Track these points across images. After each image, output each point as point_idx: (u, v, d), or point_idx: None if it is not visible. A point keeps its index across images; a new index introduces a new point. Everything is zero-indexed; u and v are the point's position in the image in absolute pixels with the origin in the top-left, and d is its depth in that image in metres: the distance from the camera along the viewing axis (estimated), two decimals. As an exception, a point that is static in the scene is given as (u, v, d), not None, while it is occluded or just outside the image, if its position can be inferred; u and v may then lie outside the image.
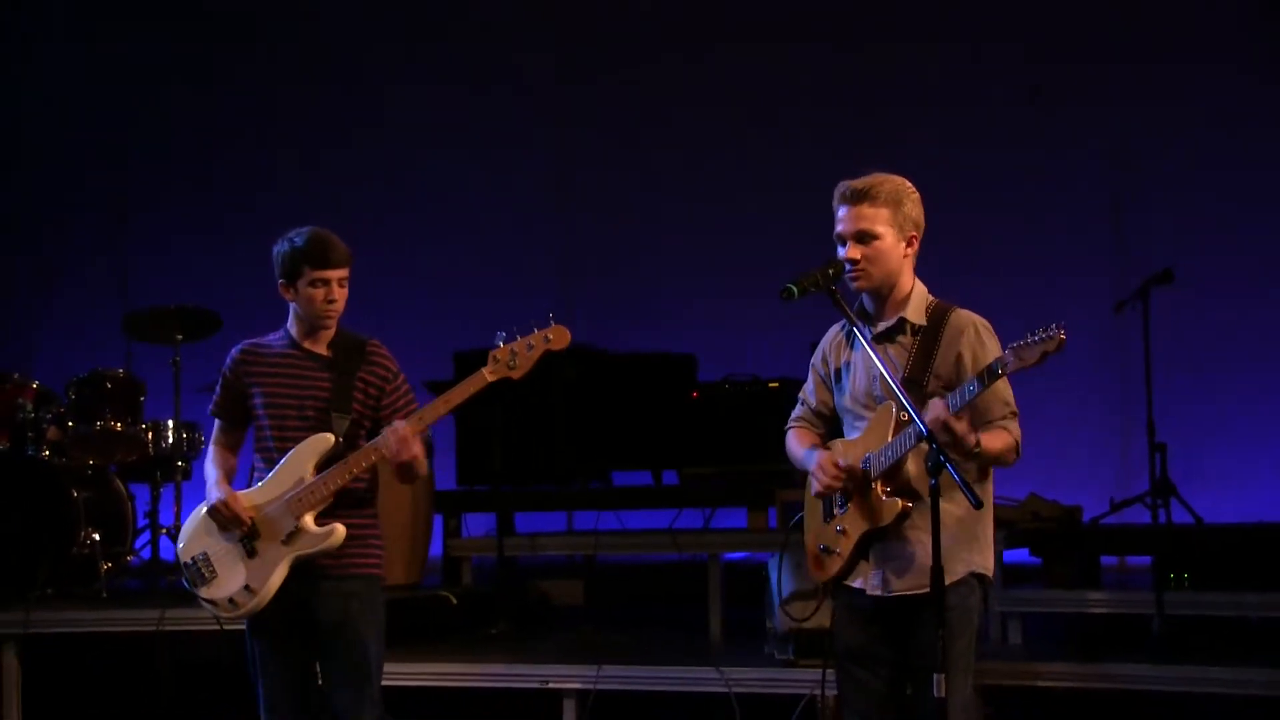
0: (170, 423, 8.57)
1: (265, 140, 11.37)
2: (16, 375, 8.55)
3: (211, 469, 5.03)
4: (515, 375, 4.86)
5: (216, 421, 5.11)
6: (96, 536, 8.14)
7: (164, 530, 8.61)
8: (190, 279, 9.71)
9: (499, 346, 4.85)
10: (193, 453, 8.70)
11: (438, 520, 8.53)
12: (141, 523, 8.71)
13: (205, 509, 4.96)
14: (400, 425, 4.78)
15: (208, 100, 11.54)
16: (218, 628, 6.62)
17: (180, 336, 8.57)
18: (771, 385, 8.13)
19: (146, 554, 8.70)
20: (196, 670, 7.22)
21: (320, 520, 4.84)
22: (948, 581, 4.12)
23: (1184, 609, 6.82)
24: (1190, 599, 6.92)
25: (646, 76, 10.71)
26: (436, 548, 8.55)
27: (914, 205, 4.40)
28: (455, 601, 7.98)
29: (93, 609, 7.74)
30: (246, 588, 4.85)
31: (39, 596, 7.84)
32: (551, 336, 4.86)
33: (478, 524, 8.99)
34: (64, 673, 7.70)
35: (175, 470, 8.60)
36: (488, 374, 4.84)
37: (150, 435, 8.55)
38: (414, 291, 10.71)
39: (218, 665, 7.17)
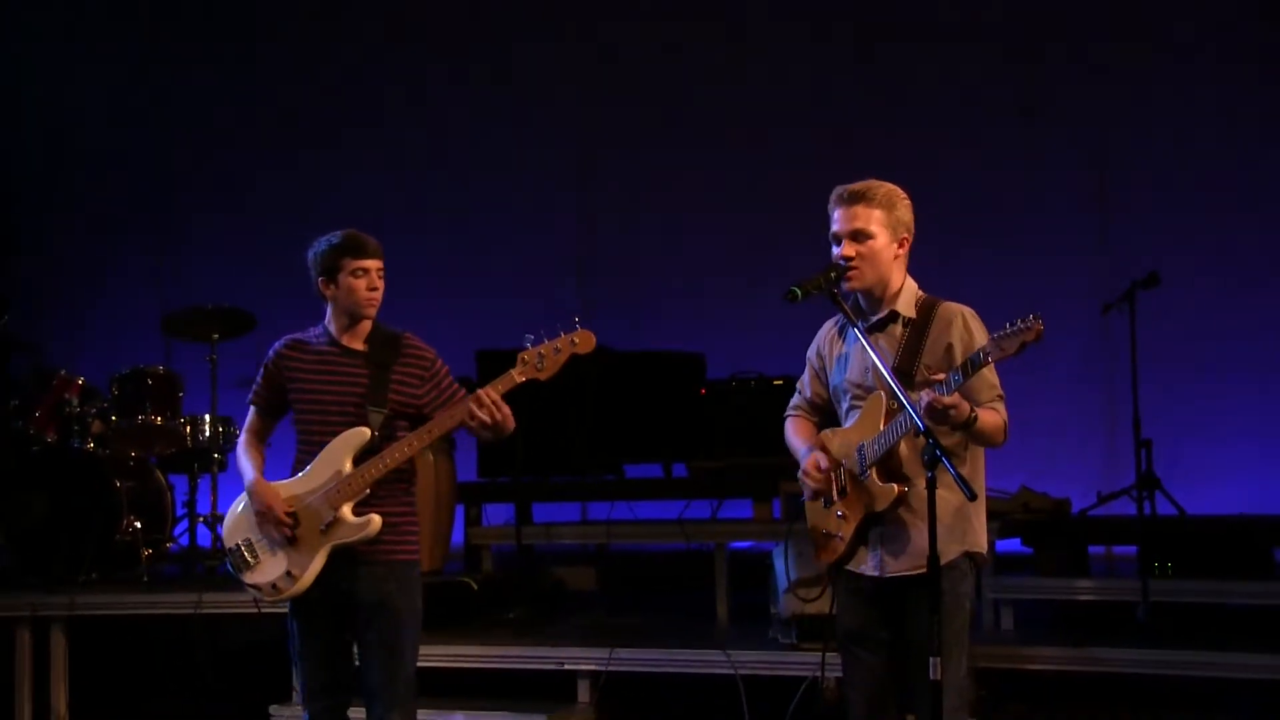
0: (207, 417, 8.59)
1: (296, 149, 11.35)
2: (63, 372, 8.56)
3: (247, 464, 5.03)
4: (542, 377, 4.87)
5: (251, 409, 5.11)
6: (138, 524, 8.16)
7: (201, 519, 8.64)
8: (227, 280, 9.71)
9: (527, 349, 4.84)
10: (228, 445, 8.72)
11: (459, 510, 8.53)
12: (180, 512, 8.72)
13: (248, 500, 4.96)
14: (488, 388, 4.78)
15: (245, 110, 11.55)
16: (254, 610, 6.64)
17: (216, 335, 8.59)
18: (776, 382, 8.13)
19: (185, 541, 8.72)
20: (231, 651, 7.23)
21: (358, 510, 4.84)
22: (942, 563, 4.14)
23: (1167, 596, 6.81)
24: (1173, 587, 6.91)
25: (662, 86, 10.68)
26: (458, 536, 8.55)
27: (905, 209, 4.45)
28: (476, 587, 7.97)
29: (135, 593, 7.77)
30: (288, 573, 4.87)
31: (84, 581, 7.87)
32: (578, 340, 4.87)
33: (497, 514, 8.98)
34: (107, 653, 7.72)
35: (212, 462, 8.62)
36: (516, 375, 4.85)
37: (188, 429, 8.56)
38: (437, 290, 10.70)
39: (252, 646, 7.20)
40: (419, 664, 6.16)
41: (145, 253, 11.68)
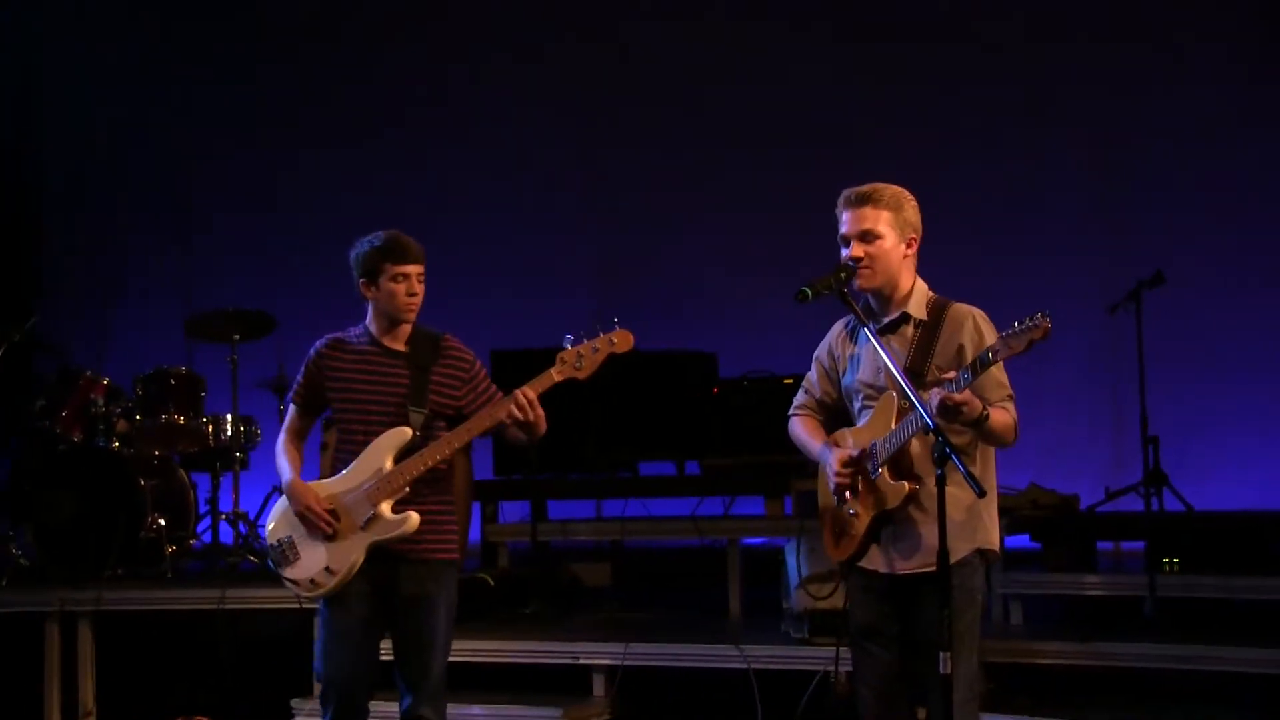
0: (229, 416, 8.61)
1: (315, 154, 11.35)
2: (89, 373, 8.59)
3: (285, 465, 5.03)
4: (581, 376, 4.86)
5: (292, 407, 5.11)
6: (162, 522, 8.19)
7: (223, 516, 8.67)
8: (247, 283, 9.73)
9: (566, 348, 4.83)
10: (250, 444, 8.75)
11: (476, 507, 8.54)
12: (203, 509, 8.74)
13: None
14: (524, 388, 4.78)
15: (264, 112, 11.55)
16: (276, 607, 6.66)
17: (237, 337, 8.62)
18: (786, 381, 8.11)
19: (207, 538, 8.74)
20: (254, 645, 7.24)
21: (397, 508, 4.85)
22: (953, 560, 4.13)
23: (1175, 591, 6.79)
24: (1180, 582, 6.89)
25: (674, 88, 10.66)
26: (475, 533, 8.55)
27: (913, 210, 4.45)
28: (493, 583, 7.98)
29: (159, 588, 7.81)
30: (327, 569, 4.88)
31: (110, 576, 7.88)
32: (616, 340, 4.87)
33: (513, 511, 8.98)
34: (133, 647, 7.74)
35: (233, 460, 8.65)
36: (555, 374, 4.85)
37: (210, 428, 8.59)
38: (457, 291, 10.69)
39: (273, 641, 7.21)
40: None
41: (168, 255, 11.69)
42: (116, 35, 11.95)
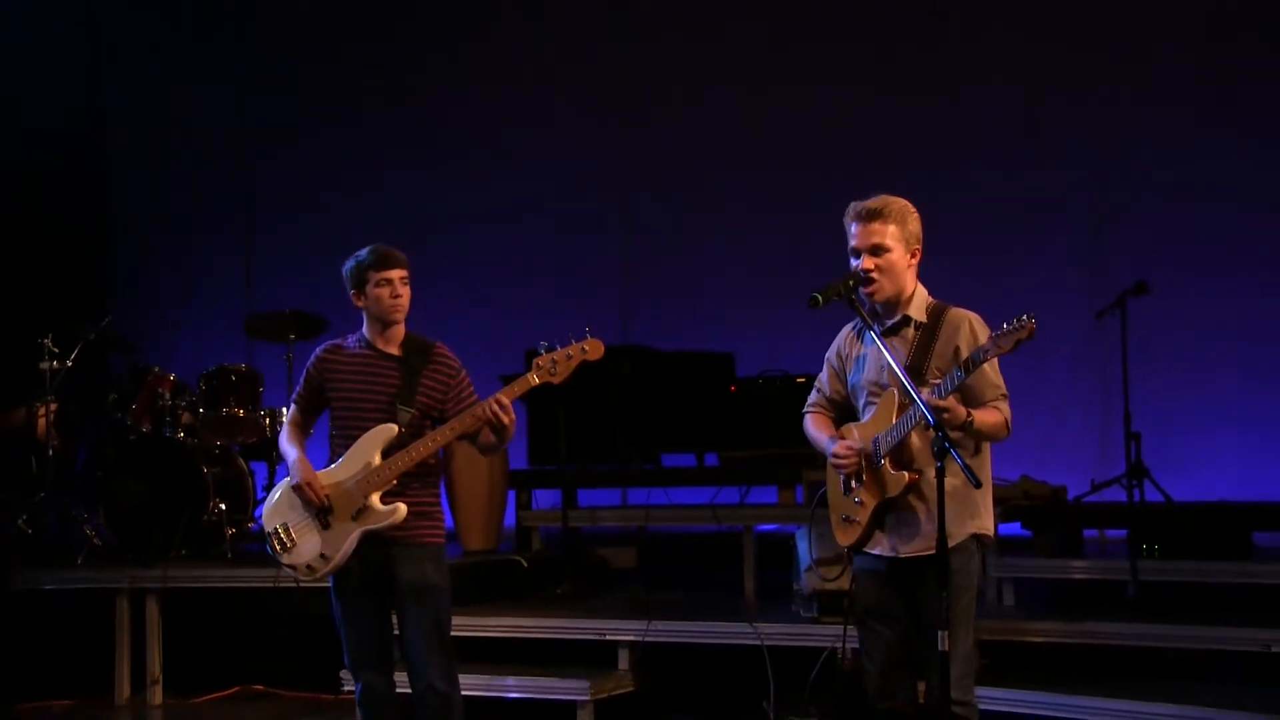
0: (284, 410, 8.57)
1: (364, 163, 11.35)
2: (157, 369, 8.64)
3: (290, 447, 5.07)
4: (555, 380, 4.89)
5: (293, 407, 5.15)
6: (223, 506, 8.22)
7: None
8: (304, 283, 9.71)
9: (541, 354, 4.86)
10: (303, 435, 8.76)
11: (511, 495, 8.55)
12: (260, 495, 8.73)
13: (288, 485, 4.99)
14: (499, 394, 4.82)
15: (318, 131, 11.55)
16: (323, 586, 6.66)
17: (292, 336, 8.65)
18: (799, 380, 8.09)
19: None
20: (304, 620, 7.26)
21: (386, 499, 4.86)
22: (951, 544, 4.13)
23: (1155, 575, 6.76)
24: (1160, 567, 6.85)
25: (696, 99, 10.63)
26: (510, 519, 8.56)
27: (916, 222, 4.46)
28: (526, 565, 7.99)
29: (219, 567, 7.84)
30: (321, 555, 4.91)
31: (175, 556, 7.94)
32: (587, 349, 4.90)
33: (545, 498, 8.98)
34: (195, 620, 7.77)
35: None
36: (532, 378, 4.89)
37: (267, 420, 8.60)
38: (493, 293, 10.72)
39: (323, 617, 7.22)
40: (473, 634, 6.17)
41: (231, 258, 11.71)
42: (184, 40, 11.95)
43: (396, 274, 4.95)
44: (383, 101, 11.43)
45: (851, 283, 4.37)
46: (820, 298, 4.31)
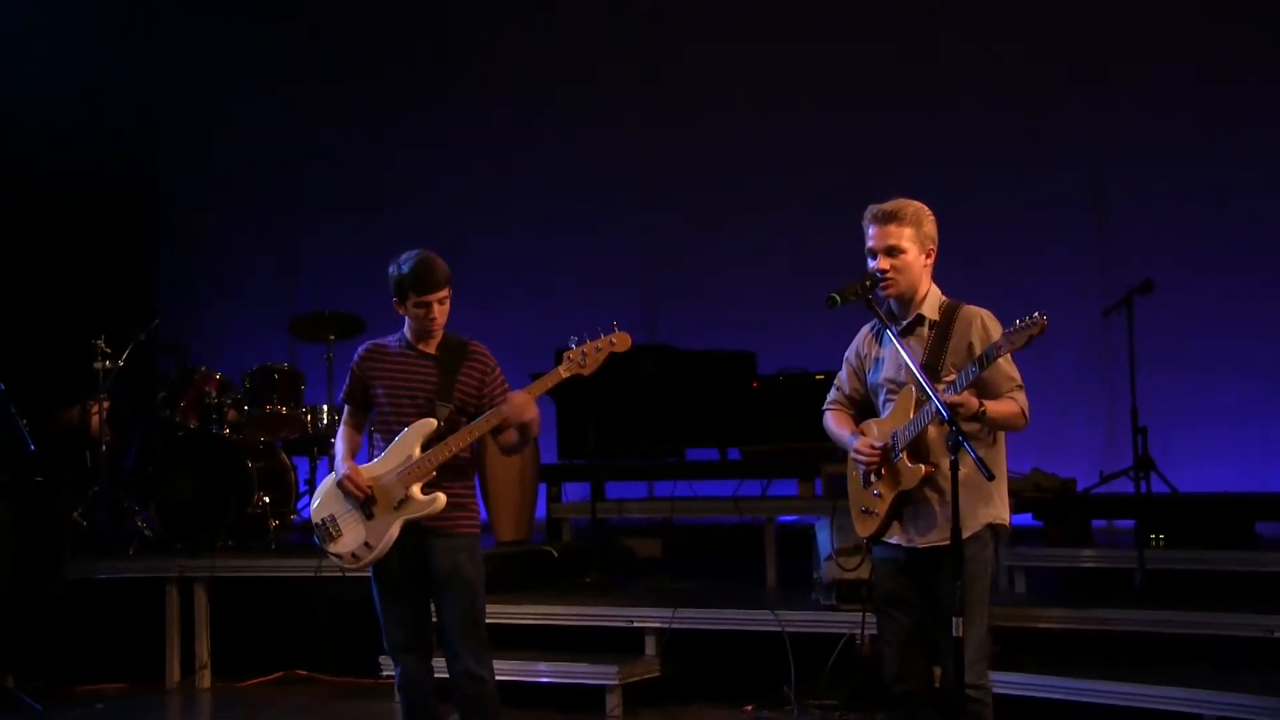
0: (325, 407, 8.68)
1: (403, 167, 11.38)
2: (204, 368, 8.69)
3: (340, 446, 5.12)
4: (585, 372, 4.93)
5: (346, 406, 5.17)
6: (267, 499, 8.27)
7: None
8: (345, 284, 9.74)
9: (571, 348, 4.88)
10: (344, 432, 8.79)
11: (542, 488, 8.57)
12: (302, 488, 8.82)
13: (334, 480, 5.03)
14: (520, 393, 4.87)
15: (358, 138, 11.58)
16: (364, 575, 6.69)
17: (332, 336, 8.68)
18: (818, 377, 8.09)
19: (306, 514, 8.72)
20: (345, 608, 7.29)
21: (426, 490, 4.90)
22: (966, 534, 4.14)
23: (1161, 564, 6.76)
24: (1166, 556, 6.86)
25: (717, 104, 10.62)
26: (541, 511, 8.58)
27: (931, 225, 4.47)
28: (557, 555, 8.02)
29: (264, 557, 7.89)
30: (365, 544, 4.93)
31: (222, 547, 7.99)
32: (615, 341, 4.93)
33: (575, 491, 9.01)
34: (241, 608, 7.82)
35: (329, 446, 8.66)
36: (562, 371, 4.92)
37: (309, 417, 8.66)
38: (526, 294, 10.74)
39: (363, 605, 7.25)
40: (506, 621, 6.17)
41: (273, 262, 11.73)
42: (230, 45, 11.95)
43: (435, 297, 4.94)
44: (422, 106, 11.45)
45: (868, 283, 4.38)
46: (838, 298, 4.32)
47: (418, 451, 4.91)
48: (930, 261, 4.48)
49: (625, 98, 10.89)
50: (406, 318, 5.03)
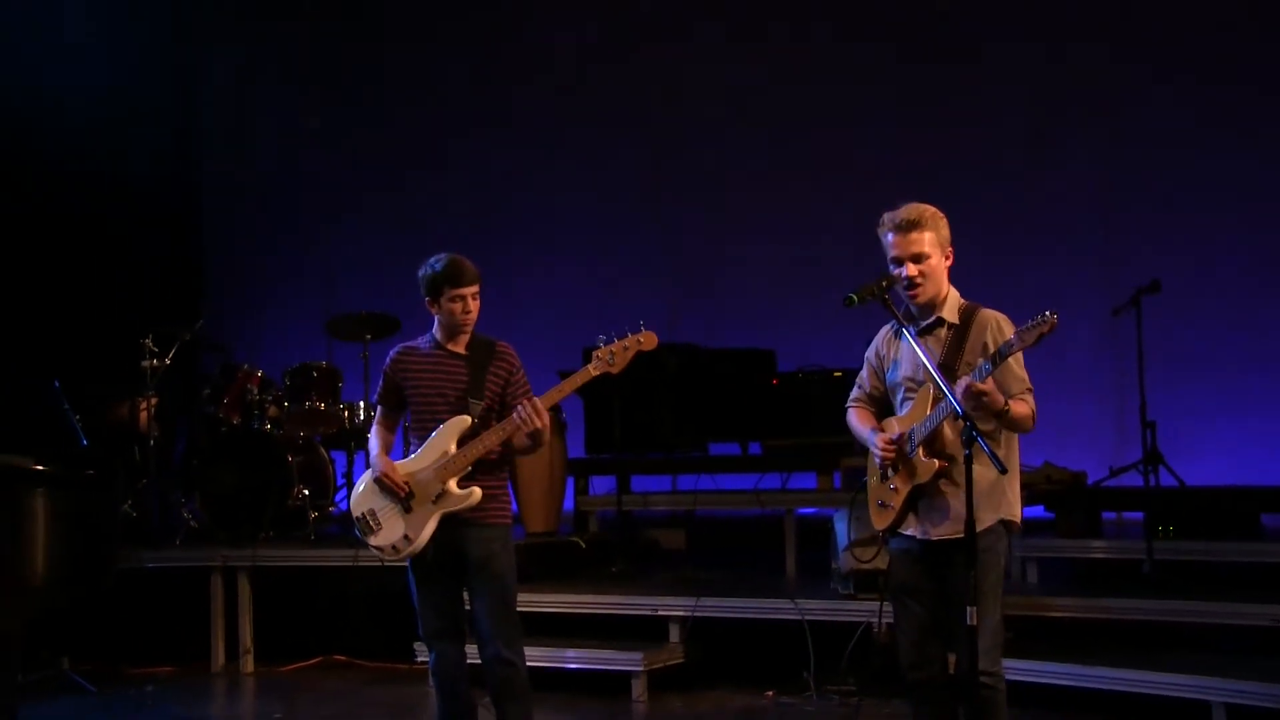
0: (361, 403, 8.70)
1: (435, 174, 11.39)
2: (246, 366, 8.73)
3: (374, 443, 5.13)
4: (614, 371, 4.92)
5: (379, 407, 5.18)
6: (306, 492, 8.31)
7: (357, 487, 8.74)
8: (381, 285, 9.75)
9: (599, 347, 4.88)
10: (380, 427, 8.81)
11: (570, 481, 8.58)
12: (339, 482, 8.85)
13: (372, 476, 5.04)
14: (534, 399, 4.87)
15: (390, 147, 11.59)
16: (400, 564, 6.71)
17: (368, 336, 8.69)
18: (836, 374, 8.08)
19: (344, 506, 8.75)
20: (382, 596, 7.32)
21: (461, 484, 4.91)
22: (979, 528, 4.12)
23: (1169, 555, 6.73)
24: (1174, 547, 6.82)
25: (737, 124, 10.61)
26: (569, 503, 8.59)
27: (945, 227, 4.45)
28: (584, 545, 8.03)
29: (304, 548, 7.93)
30: (405, 537, 4.93)
31: (264, 537, 8.03)
32: (643, 340, 4.92)
33: (601, 484, 9.01)
34: (283, 596, 7.85)
35: (365, 440, 8.68)
36: (592, 369, 4.91)
37: (346, 413, 8.67)
38: (554, 295, 10.73)
39: (399, 593, 7.28)
40: (536, 609, 6.17)
41: (312, 265, 11.74)
42: (270, 52, 11.97)
43: (469, 290, 4.95)
44: (454, 109, 11.46)
45: (885, 284, 4.36)
46: (855, 298, 4.31)
47: (453, 448, 4.92)
48: (949, 264, 4.46)
49: (647, 103, 10.86)
50: (438, 317, 5.03)
